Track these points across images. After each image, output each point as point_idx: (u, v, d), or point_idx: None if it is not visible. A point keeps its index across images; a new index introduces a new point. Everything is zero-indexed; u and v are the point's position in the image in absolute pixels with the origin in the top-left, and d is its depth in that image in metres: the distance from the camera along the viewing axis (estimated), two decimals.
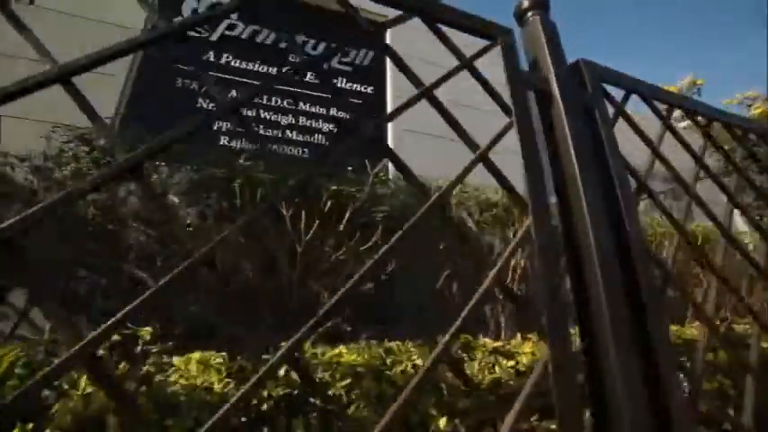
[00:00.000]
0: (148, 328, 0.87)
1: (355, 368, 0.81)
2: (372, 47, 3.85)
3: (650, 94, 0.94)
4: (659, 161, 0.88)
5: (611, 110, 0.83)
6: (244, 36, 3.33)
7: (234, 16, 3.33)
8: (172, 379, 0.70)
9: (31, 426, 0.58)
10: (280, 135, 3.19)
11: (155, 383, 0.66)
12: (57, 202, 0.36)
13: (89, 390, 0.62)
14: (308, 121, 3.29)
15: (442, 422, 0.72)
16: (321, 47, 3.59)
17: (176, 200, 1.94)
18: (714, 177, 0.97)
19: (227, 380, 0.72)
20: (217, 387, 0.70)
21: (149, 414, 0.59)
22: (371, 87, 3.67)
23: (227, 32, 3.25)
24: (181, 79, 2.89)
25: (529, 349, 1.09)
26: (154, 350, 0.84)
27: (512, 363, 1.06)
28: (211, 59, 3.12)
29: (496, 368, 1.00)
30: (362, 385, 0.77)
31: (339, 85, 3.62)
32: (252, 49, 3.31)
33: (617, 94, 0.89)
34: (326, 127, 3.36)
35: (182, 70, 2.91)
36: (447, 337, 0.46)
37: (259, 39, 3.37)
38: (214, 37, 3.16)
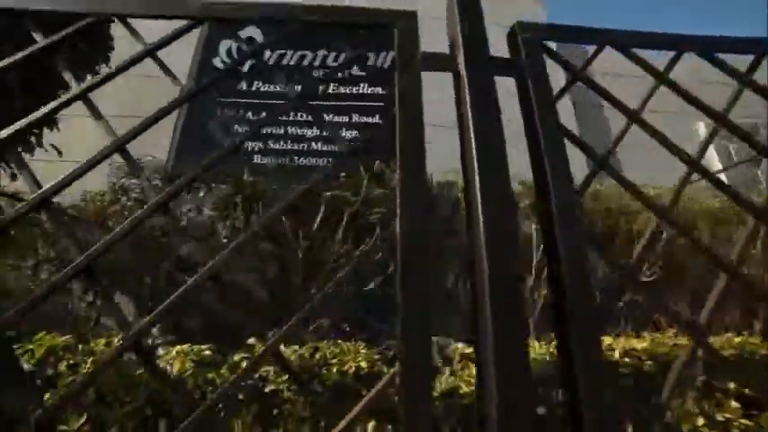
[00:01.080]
0: (156, 325, 1.08)
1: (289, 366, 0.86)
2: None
3: (630, 42, 0.75)
4: (641, 127, 0.69)
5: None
6: (271, 62, 3.71)
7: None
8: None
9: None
10: (305, 148, 3.44)
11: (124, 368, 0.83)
12: None
13: None
14: (332, 132, 3.47)
15: (371, 425, 0.69)
16: (342, 58, 3.75)
17: (212, 213, 2.27)
18: (748, 138, 0.72)
19: (193, 367, 0.86)
20: (174, 373, 0.84)
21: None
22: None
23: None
24: (220, 109, 3.38)
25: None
26: (158, 342, 1.04)
27: None
28: (244, 88, 3.56)
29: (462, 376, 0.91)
30: (298, 382, 0.81)
31: (360, 91, 3.72)
32: (279, 72, 3.65)
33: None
34: (350, 134, 3.49)
35: (221, 102, 3.40)
36: (276, 336, 0.46)
37: (284, 61, 3.70)
38: (245, 68, 3.60)
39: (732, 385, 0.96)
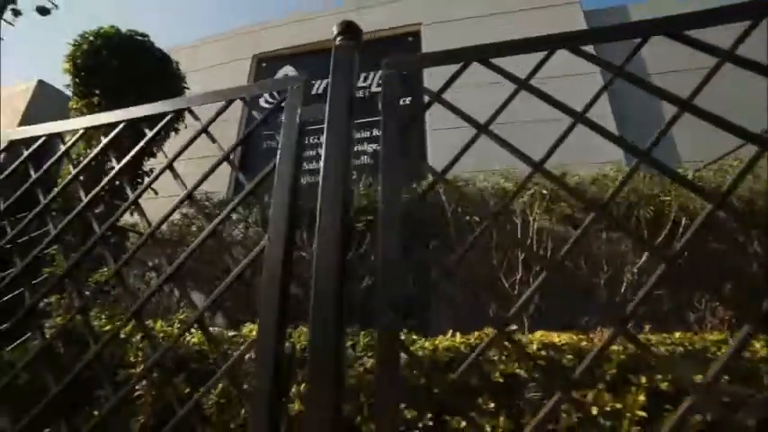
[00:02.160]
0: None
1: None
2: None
3: (499, 53, 0.80)
4: (488, 136, 0.75)
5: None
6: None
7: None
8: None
9: None
10: None
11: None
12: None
13: None
14: (355, 146, 3.82)
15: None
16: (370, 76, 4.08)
17: (260, 229, 2.82)
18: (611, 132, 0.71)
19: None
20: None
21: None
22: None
23: None
24: (266, 142, 4.08)
25: (429, 345, 1.00)
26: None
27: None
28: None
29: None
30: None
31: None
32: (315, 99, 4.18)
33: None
34: (371, 148, 3.76)
35: (266, 135, 4.11)
36: (77, 305, 0.74)
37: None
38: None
39: (644, 380, 0.82)
